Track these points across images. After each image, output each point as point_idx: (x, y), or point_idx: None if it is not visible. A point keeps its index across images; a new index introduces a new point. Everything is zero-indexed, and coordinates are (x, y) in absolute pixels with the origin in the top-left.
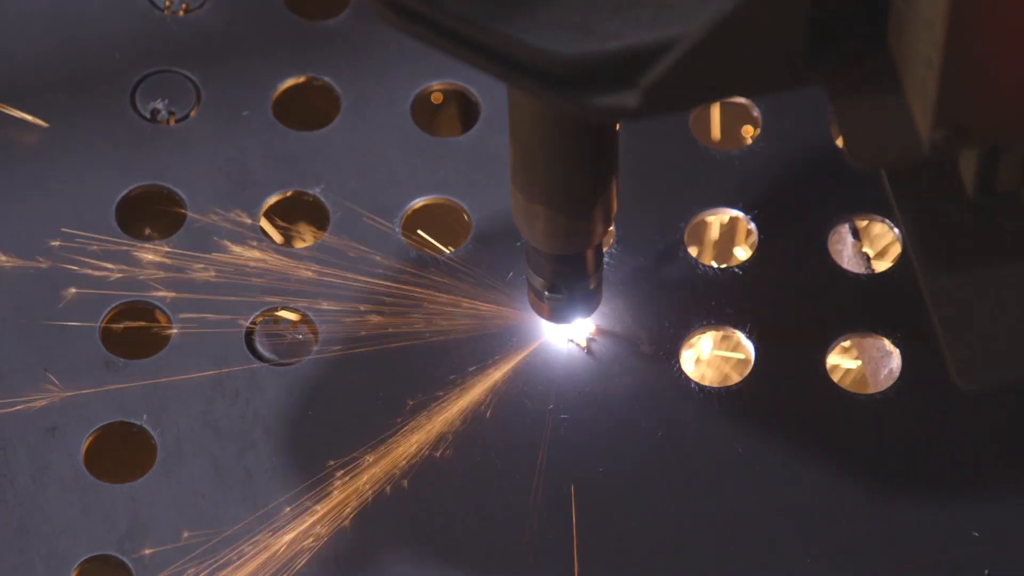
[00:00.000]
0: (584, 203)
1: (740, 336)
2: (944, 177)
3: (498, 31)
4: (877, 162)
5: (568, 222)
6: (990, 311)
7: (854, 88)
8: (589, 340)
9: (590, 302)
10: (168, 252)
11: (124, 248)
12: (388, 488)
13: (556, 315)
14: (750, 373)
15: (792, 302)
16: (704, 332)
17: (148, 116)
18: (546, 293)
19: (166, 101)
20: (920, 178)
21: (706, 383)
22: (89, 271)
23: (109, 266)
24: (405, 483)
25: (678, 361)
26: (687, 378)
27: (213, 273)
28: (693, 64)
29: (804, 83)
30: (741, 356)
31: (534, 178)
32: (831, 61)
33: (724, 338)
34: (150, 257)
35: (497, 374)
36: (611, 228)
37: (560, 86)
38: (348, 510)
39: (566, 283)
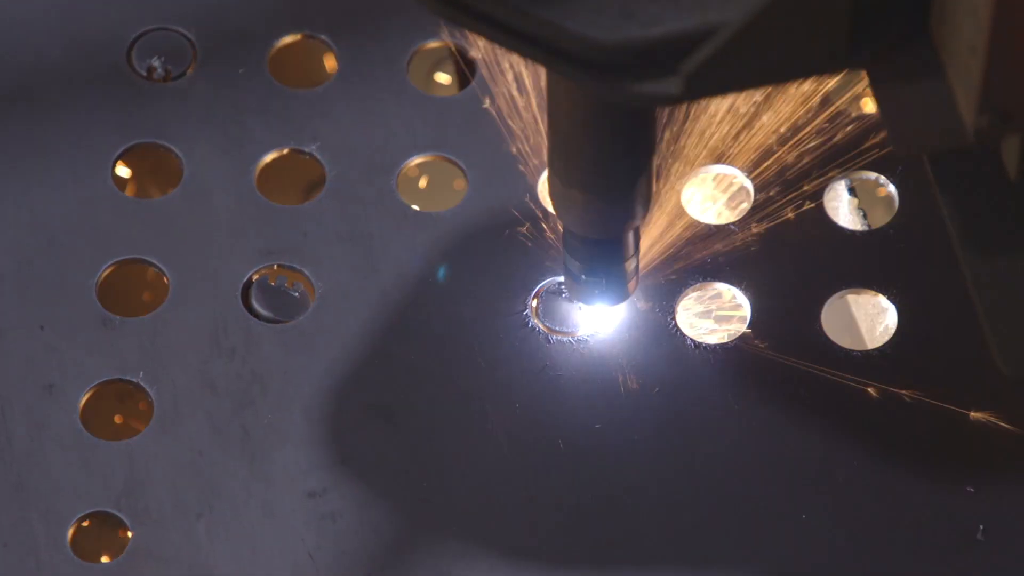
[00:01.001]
0: (622, 187)
1: (736, 293)
2: (987, 161)
3: (538, 17)
4: (920, 147)
5: (606, 206)
6: None
7: (896, 73)
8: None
9: (628, 284)
10: (165, 209)
11: (122, 204)
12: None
13: (593, 297)
14: (746, 330)
15: (788, 259)
16: (700, 289)
17: (144, 74)
18: (583, 276)
19: (162, 59)
20: (962, 162)
21: (702, 340)
22: (86, 230)
23: (106, 224)
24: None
25: (674, 317)
26: (683, 335)
27: (210, 231)
28: (735, 50)
29: (846, 68)
30: (737, 313)
31: (572, 163)
32: (873, 46)
33: (720, 295)
34: (148, 214)
35: (489, 334)
36: None
37: (601, 72)
38: (345, 466)
39: (604, 266)
